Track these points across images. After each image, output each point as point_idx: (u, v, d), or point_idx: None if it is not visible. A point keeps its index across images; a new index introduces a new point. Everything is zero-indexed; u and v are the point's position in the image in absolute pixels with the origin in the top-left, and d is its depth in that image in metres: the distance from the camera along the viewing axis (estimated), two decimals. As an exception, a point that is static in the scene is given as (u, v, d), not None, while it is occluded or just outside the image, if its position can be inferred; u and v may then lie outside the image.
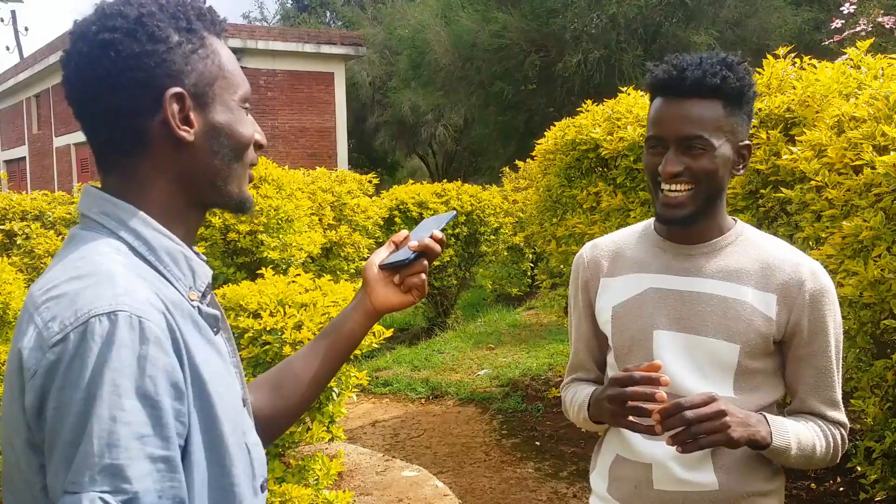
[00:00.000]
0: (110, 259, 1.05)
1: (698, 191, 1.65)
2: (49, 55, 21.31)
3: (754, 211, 3.47)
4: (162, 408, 0.97)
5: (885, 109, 2.92)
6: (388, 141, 24.96)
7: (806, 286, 1.67)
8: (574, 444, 5.42)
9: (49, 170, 23.53)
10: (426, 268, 1.41)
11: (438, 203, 9.71)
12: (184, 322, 1.07)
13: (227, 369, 1.15)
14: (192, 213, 1.19)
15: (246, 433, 1.15)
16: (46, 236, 7.55)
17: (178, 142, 1.12)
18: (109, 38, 1.07)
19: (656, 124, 1.68)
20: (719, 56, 1.66)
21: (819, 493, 4.15)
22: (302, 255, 6.26)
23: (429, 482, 4.84)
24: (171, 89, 1.09)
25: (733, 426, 1.51)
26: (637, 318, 1.75)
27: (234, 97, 1.17)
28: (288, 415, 1.42)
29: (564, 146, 4.86)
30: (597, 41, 13.99)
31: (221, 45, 1.18)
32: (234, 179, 1.19)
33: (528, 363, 7.51)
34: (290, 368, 1.42)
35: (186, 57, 1.11)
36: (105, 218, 1.11)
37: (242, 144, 1.18)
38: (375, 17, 25.31)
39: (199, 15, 1.14)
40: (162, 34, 1.09)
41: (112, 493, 0.92)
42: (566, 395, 1.94)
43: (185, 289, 1.12)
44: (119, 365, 0.95)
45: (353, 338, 1.43)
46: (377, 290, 1.41)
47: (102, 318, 0.96)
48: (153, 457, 0.96)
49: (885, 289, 2.74)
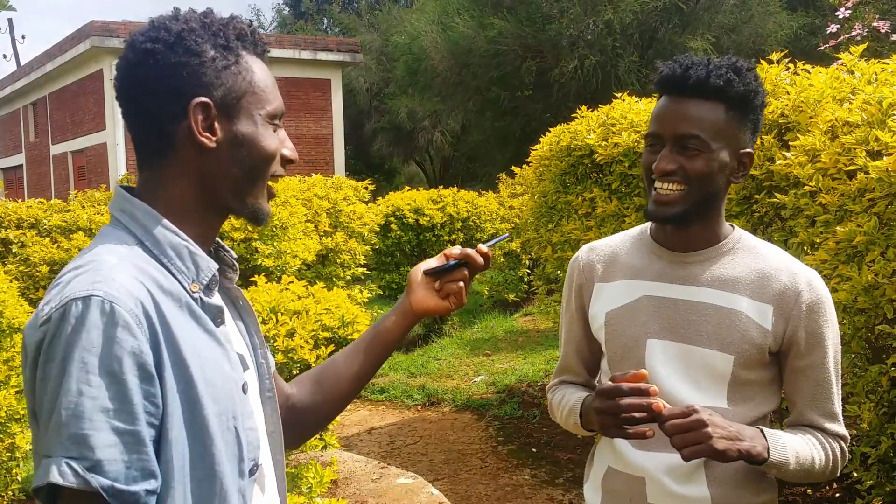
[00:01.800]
0: (109, 250, 1.16)
1: (690, 191, 1.63)
2: (46, 63, 21.31)
3: (749, 216, 3.47)
4: (127, 385, 1.06)
5: (878, 114, 2.91)
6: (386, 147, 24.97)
7: (803, 297, 1.64)
8: (570, 451, 5.40)
9: (46, 178, 23.50)
10: (466, 277, 1.51)
11: (434, 209, 9.70)
12: (177, 311, 1.16)
13: (224, 357, 1.22)
14: (210, 216, 1.28)
15: (238, 418, 1.21)
16: (42, 244, 7.53)
17: (201, 147, 1.22)
18: (151, 48, 1.19)
19: (656, 121, 1.66)
20: (729, 60, 1.64)
21: (815, 498, 4.13)
22: (296, 263, 6.25)
23: (424, 489, 4.82)
24: (197, 98, 1.19)
25: (715, 437, 1.47)
26: (630, 326, 1.73)
27: (261, 112, 1.26)
28: (328, 408, 1.55)
29: (559, 152, 4.86)
30: (592, 47, 14.00)
31: (259, 64, 1.28)
32: (252, 189, 1.27)
33: (524, 369, 7.49)
34: (332, 365, 1.55)
35: (218, 71, 1.21)
36: (122, 215, 1.23)
37: (264, 156, 1.26)
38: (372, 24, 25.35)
39: (240, 35, 1.25)
40: (198, 49, 1.20)
41: (77, 459, 1.02)
42: (553, 397, 1.92)
43: (188, 281, 1.21)
44: (88, 344, 1.05)
45: (390, 336, 1.54)
46: (417, 293, 1.53)
47: (78, 302, 1.06)
48: (118, 430, 1.04)
49: (879, 294, 2.74)
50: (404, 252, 9.90)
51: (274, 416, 1.40)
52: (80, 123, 20.57)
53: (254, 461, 1.24)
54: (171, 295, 1.17)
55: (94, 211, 8.98)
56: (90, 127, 19.97)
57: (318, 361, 3.47)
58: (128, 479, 1.04)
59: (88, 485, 1.02)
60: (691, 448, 1.46)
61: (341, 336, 3.70)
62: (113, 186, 16.78)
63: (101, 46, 18.09)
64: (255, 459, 1.25)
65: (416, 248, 9.87)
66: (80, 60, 19.44)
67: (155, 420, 1.09)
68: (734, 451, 1.50)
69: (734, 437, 1.51)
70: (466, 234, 9.82)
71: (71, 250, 6.74)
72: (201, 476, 1.14)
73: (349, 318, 3.75)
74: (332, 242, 7.31)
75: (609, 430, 1.54)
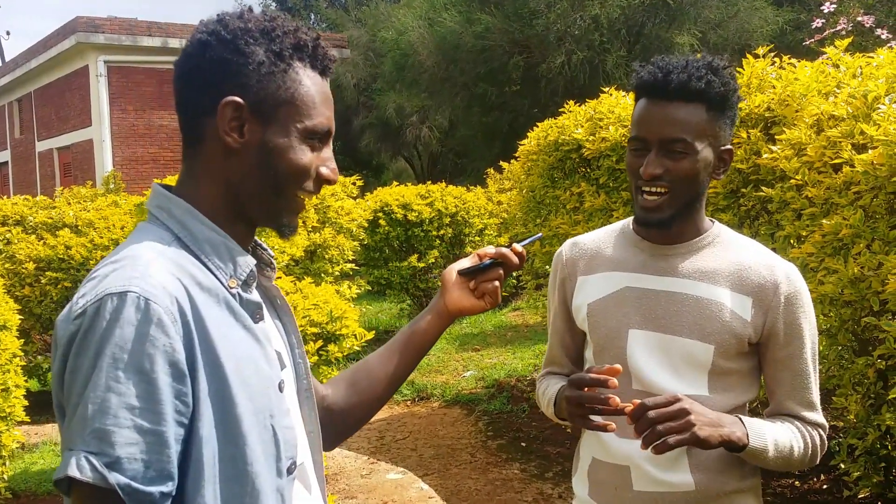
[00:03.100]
0: (146, 246, 1.15)
1: (676, 194, 1.66)
2: (31, 59, 21.16)
3: (735, 210, 3.48)
4: (157, 384, 1.05)
5: (863, 108, 2.93)
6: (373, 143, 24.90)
7: (781, 289, 1.68)
8: (559, 445, 5.42)
9: (32, 174, 23.35)
10: (501, 276, 1.51)
11: (423, 205, 9.69)
12: (214, 307, 1.16)
13: (262, 354, 1.21)
14: (238, 225, 1.27)
15: (275, 416, 1.20)
16: (28, 241, 7.48)
17: (227, 147, 1.21)
18: (206, 40, 1.20)
19: (640, 125, 1.68)
20: (705, 60, 1.66)
21: (803, 490, 4.16)
22: (284, 258, 6.24)
23: (414, 484, 4.83)
24: (229, 97, 1.19)
25: (699, 425, 1.51)
26: (612, 317, 1.76)
27: (298, 125, 1.23)
28: (364, 409, 1.53)
29: (547, 147, 4.86)
30: (580, 42, 14.02)
31: (312, 78, 1.25)
32: (276, 201, 1.26)
33: (513, 364, 7.51)
34: (367, 366, 1.54)
35: (261, 76, 1.20)
36: (159, 211, 1.23)
37: (291, 169, 1.23)
38: (359, 20, 25.26)
39: (297, 46, 1.24)
40: (247, 49, 1.19)
41: (97, 454, 1.02)
42: (539, 388, 1.96)
43: (226, 277, 1.20)
44: (121, 340, 1.04)
45: (426, 337, 1.54)
46: (452, 293, 1.53)
47: (114, 297, 1.06)
48: (142, 428, 1.04)
49: (864, 286, 2.75)
50: (393, 248, 9.89)
51: (312, 415, 1.39)
52: (65, 120, 20.44)
53: (292, 459, 1.23)
54: (209, 291, 1.16)
55: (80, 208, 8.94)
56: (76, 123, 19.85)
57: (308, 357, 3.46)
58: (145, 479, 1.03)
59: (105, 481, 1.01)
60: (676, 437, 1.49)
61: (329, 331, 3.69)
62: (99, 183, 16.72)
63: (87, 42, 17.97)
64: (293, 458, 1.24)
65: (404, 243, 9.86)
66: (65, 56, 19.32)
67: (185, 419, 1.08)
68: (716, 438, 1.54)
69: (715, 424, 1.55)
70: (455, 229, 9.81)
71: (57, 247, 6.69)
72: (231, 475, 1.13)
73: (337, 314, 3.74)
74: (321, 238, 7.29)
75: (576, 419, 1.61)
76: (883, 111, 2.80)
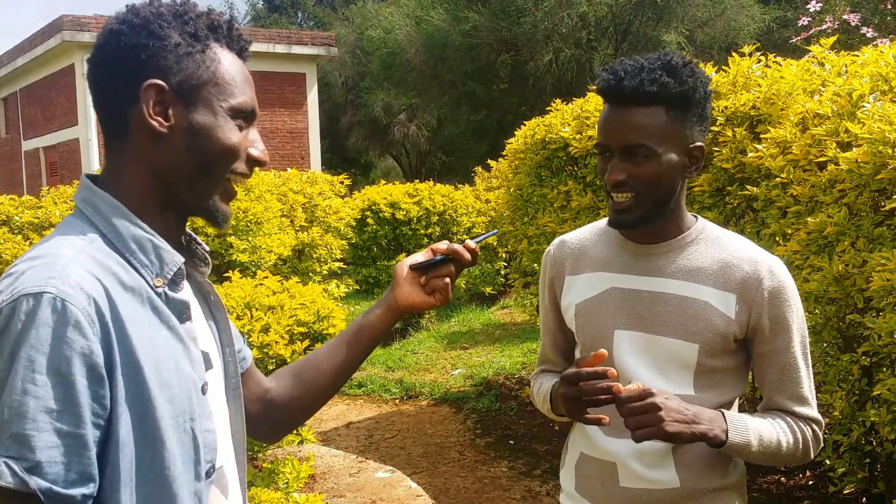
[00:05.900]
0: (68, 243, 1.12)
1: (642, 198, 1.65)
2: (16, 58, 21.02)
3: (721, 208, 3.50)
4: (74, 387, 1.03)
5: (847, 106, 2.94)
6: (361, 141, 24.90)
7: (764, 284, 1.67)
8: (547, 443, 5.43)
9: (18, 174, 23.20)
10: (453, 273, 1.48)
11: (410, 203, 9.69)
12: (137, 307, 1.13)
13: (186, 355, 1.18)
14: (169, 216, 1.24)
15: (195, 419, 1.18)
16: (14, 241, 7.43)
17: (153, 133, 1.18)
18: (118, 29, 1.18)
19: (602, 132, 1.68)
20: (663, 59, 1.63)
21: (789, 486, 4.18)
22: (272, 258, 6.22)
23: (402, 483, 4.83)
24: (151, 80, 1.16)
25: (668, 420, 1.51)
26: (598, 318, 1.77)
27: (223, 104, 1.21)
28: (308, 401, 1.51)
29: (534, 145, 4.87)
30: (567, 40, 14.04)
31: (230, 58, 1.24)
32: (207, 184, 1.23)
33: (501, 362, 7.51)
34: (314, 359, 1.52)
35: (179, 57, 1.18)
36: (84, 205, 1.20)
37: (220, 149, 1.21)
38: (347, 18, 25.22)
39: (212, 26, 1.23)
40: (162, 33, 1.17)
41: (16, 459, 1.00)
42: (534, 386, 1.97)
43: (152, 276, 1.17)
44: (37, 342, 1.02)
45: (374, 331, 1.51)
46: (403, 288, 1.49)
47: (29, 298, 1.03)
48: (61, 431, 1.02)
49: (849, 284, 2.77)
50: (381, 246, 9.89)
51: (238, 415, 1.37)
52: (51, 119, 20.32)
53: (211, 463, 1.22)
54: (132, 290, 1.13)
55: (66, 207, 8.87)
56: (62, 122, 19.74)
57: (294, 357, 3.46)
58: (66, 482, 1.02)
59: (26, 486, 1.00)
60: (643, 430, 1.51)
61: (316, 331, 3.69)
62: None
63: (73, 41, 17.85)
64: (212, 461, 1.22)
65: (392, 242, 9.86)
66: (51, 55, 19.20)
67: (101, 421, 1.06)
68: (688, 434, 1.55)
69: (689, 421, 1.55)
70: (443, 227, 9.82)
71: (43, 247, 6.66)
72: (149, 479, 1.12)
73: (324, 313, 3.74)
74: (308, 237, 7.27)
75: (574, 414, 1.61)
76: (867, 109, 2.82)
